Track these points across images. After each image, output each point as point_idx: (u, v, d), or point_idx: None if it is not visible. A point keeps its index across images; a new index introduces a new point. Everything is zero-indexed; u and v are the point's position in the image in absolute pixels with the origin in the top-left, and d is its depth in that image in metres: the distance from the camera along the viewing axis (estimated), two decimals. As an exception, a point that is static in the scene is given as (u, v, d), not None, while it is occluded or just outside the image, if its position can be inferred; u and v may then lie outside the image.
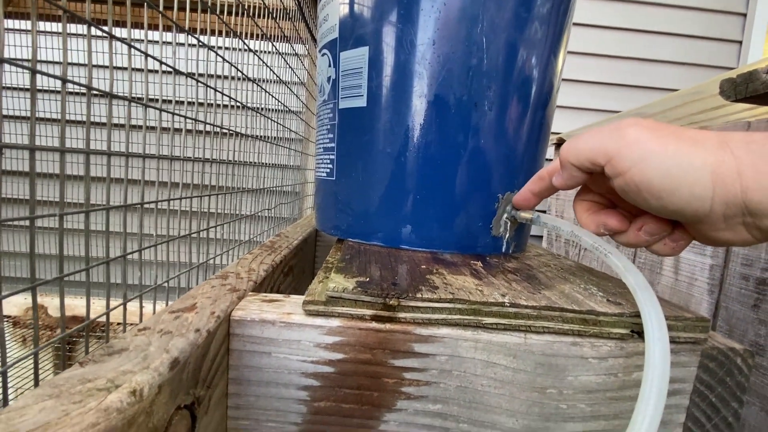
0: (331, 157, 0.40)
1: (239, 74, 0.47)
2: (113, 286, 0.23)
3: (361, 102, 0.36)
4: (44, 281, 0.18)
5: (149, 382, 0.15)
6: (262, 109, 0.55)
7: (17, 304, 1.20)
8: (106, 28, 0.24)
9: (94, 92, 0.24)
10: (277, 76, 0.60)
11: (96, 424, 0.13)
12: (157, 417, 0.16)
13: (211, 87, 0.39)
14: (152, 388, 0.15)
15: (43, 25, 1.44)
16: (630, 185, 0.23)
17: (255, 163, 0.57)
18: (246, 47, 0.48)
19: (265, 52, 0.56)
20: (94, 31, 0.24)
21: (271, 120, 0.61)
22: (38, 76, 0.19)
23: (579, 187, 0.30)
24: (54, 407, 0.13)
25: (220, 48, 0.42)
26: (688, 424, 0.24)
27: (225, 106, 0.46)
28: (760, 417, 0.54)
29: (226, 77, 0.45)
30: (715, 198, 0.21)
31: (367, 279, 0.25)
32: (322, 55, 0.41)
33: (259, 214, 0.61)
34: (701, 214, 0.21)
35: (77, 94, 1.39)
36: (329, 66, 0.39)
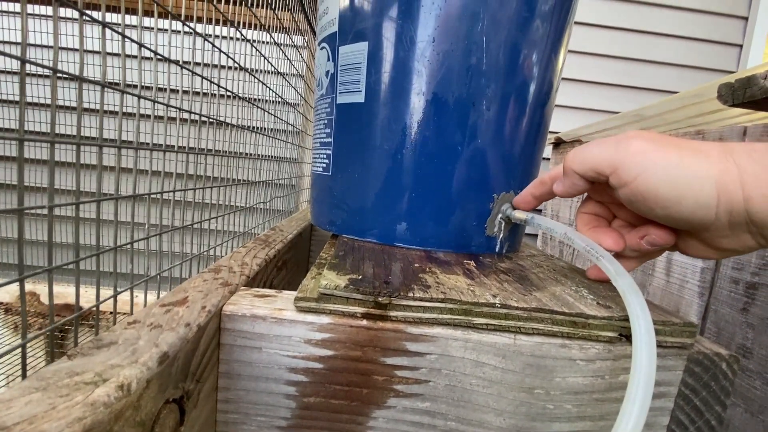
0: (328, 152, 0.40)
1: (235, 64, 0.46)
2: (105, 275, 0.23)
3: (359, 98, 0.36)
4: (35, 273, 0.18)
5: (137, 377, 0.15)
6: (258, 100, 0.55)
7: (9, 290, 1.19)
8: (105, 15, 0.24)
9: (86, 80, 0.23)
10: (274, 67, 0.59)
11: (82, 419, 0.13)
12: (145, 411, 0.16)
13: (206, 78, 0.39)
14: (140, 382, 0.15)
15: (32, 8, 1.41)
16: (636, 195, 0.23)
17: (251, 155, 0.57)
18: (242, 37, 0.47)
19: (262, 42, 0.55)
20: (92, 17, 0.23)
21: (267, 112, 0.60)
22: (29, 58, 0.19)
23: (583, 199, 0.30)
24: (41, 400, 0.13)
25: (216, 37, 0.41)
26: (672, 427, 0.25)
27: (221, 96, 0.46)
28: (744, 418, 0.55)
29: (222, 67, 0.44)
30: (719, 207, 0.21)
31: (360, 277, 0.25)
32: (321, 48, 0.40)
33: (255, 206, 0.61)
34: (707, 222, 0.22)
35: (67, 79, 1.37)
36: (328, 60, 0.39)
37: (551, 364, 0.23)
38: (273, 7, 0.57)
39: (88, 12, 0.22)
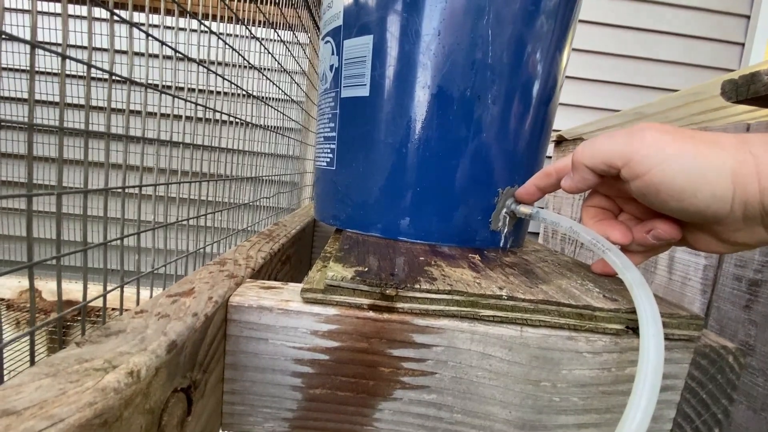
0: (332, 146, 0.40)
1: (240, 61, 0.46)
2: (110, 272, 0.22)
3: (364, 91, 0.35)
4: (42, 260, 0.18)
5: (147, 364, 0.15)
6: (263, 97, 0.55)
7: (11, 287, 1.19)
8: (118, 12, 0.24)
9: (94, 75, 0.23)
10: (279, 65, 0.59)
11: (93, 404, 0.13)
12: (154, 399, 0.16)
13: (213, 72, 0.39)
14: (150, 369, 0.15)
15: (42, 6, 1.41)
16: (650, 187, 0.23)
17: (254, 151, 0.57)
18: (250, 34, 0.47)
19: (267, 39, 0.55)
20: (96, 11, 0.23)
21: (272, 108, 0.60)
22: (37, 55, 0.19)
23: (590, 192, 0.30)
24: (51, 385, 0.13)
25: (221, 34, 0.41)
26: (678, 420, 0.24)
27: (225, 93, 0.46)
28: (747, 415, 0.55)
29: (227, 64, 0.44)
30: (735, 199, 0.20)
31: (366, 269, 0.25)
32: (325, 42, 0.40)
33: (257, 203, 0.61)
34: (721, 215, 0.21)
35: (74, 76, 1.37)
36: (332, 54, 0.39)
37: (558, 356, 0.23)
38: (278, 3, 0.57)
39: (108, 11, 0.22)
